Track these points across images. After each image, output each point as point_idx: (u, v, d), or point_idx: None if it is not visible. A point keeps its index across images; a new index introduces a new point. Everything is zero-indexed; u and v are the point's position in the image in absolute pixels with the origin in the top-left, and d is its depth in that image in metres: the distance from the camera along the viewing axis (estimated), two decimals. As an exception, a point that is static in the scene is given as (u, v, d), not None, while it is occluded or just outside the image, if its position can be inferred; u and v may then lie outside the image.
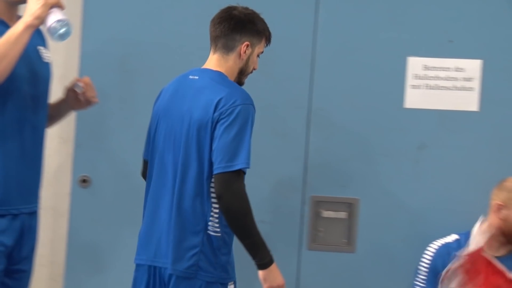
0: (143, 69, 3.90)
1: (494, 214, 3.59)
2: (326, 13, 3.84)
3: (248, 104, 3.08)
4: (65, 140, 4.04)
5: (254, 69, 3.28)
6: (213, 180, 3.06)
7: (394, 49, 3.84)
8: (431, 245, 3.69)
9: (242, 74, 3.24)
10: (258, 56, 3.28)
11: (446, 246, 3.67)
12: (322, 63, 3.85)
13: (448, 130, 3.81)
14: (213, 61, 3.22)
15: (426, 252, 3.69)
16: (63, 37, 2.92)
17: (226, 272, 3.10)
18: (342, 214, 3.83)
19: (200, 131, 3.08)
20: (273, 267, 3.06)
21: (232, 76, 3.21)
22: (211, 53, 3.24)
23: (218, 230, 3.08)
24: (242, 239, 3.04)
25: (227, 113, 3.04)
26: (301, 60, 3.84)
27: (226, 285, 3.10)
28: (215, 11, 3.27)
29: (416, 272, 3.69)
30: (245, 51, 3.20)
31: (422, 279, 3.66)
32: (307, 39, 3.84)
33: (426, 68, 3.84)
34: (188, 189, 3.09)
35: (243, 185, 3.03)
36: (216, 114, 3.06)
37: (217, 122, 3.05)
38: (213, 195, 3.08)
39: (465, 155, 3.83)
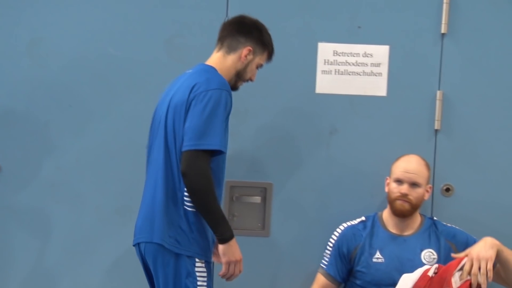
0: (50, 55, 3.85)
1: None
2: (237, 0, 3.86)
3: (222, 89, 3.19)
4: (-26, 127, 3.96)
5: (251, 79, 3.40)
6: None
7: (304, 35, 3.88)
8: (339, 227, 3.77)
9: (238, 77, 3.36)
10: (257, 67, 3.39)
11: (351, 227, 3.76)
12: (234, 49, 3.88)
13: (358, 115, 3.87)
14: (213, 58, 3.35)
15: (334, 233, 3.76)
16: None
17: (201, 248, 3.21)
18: (256, 199, 3.86)
19: (176, 113, 3.20)
20: (233, 242, 3.19)
21: (227, 76, 3.31)
22: (215, 51, 3.37)
23: (192, 205, 3.20)
24: (204, 215, 3.16)
25: (201, 96, 3.15)
26: (214, 46, 3.82)
27: (193, 259, 3.20)
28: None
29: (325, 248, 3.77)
30: (246, 55, 3.33)
31: (328, 259, 3.74)
32: (219, 26, 3.86)
33: (336, 53, 3.89)
34: (167, 167, 3.20)
35: (207, 165, 3.13)
36: (191, 96, 3.17)
37: (191, 103, 3.16)
38: None
39: (374, 139, 3.91)
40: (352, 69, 3.89)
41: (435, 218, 3.80)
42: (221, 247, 3.19)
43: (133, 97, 3.86)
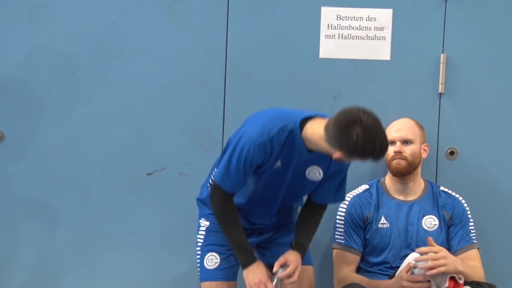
0: (52, 21, 3.82)
1: None
2: (240, -35, 3.85)
3: (252, 140, 3.22)
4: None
5: None
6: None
7: (307, -1, 3.88)
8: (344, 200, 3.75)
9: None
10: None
11: (358, 197, 3.75)
12: (237, 14, 3.84)
13: (361, 79, 3.86)
14: (316, 119, 3.20)
15: (340, 208, 3.74)
16: None
17: (206, 213, 3.52)
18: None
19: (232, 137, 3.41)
20: (251, 268, 3.38)
21: (314, 145, 3.20)
22: (326, 119, 3.18)
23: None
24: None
25: (236, 137, 3.28)
26: (217, 11, 3.83)
27: (200, 217, 3.57)
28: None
29: (334, 226, 3.75)
30: (338, 157, 3.14)
31: (342, 233, 3.71)
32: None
33: (339, 18, 3.88)
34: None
35: (220, 196, 3.33)
36: (237, 133, 3.33)
37: (231, 139, 3.38)
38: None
39: (378, 103, 3.86)
40: (355, 33, 3.87)
41: (441, 188, 3.78)
42: (243, 272, 3.40)
43: (137, 63, 3.84)
